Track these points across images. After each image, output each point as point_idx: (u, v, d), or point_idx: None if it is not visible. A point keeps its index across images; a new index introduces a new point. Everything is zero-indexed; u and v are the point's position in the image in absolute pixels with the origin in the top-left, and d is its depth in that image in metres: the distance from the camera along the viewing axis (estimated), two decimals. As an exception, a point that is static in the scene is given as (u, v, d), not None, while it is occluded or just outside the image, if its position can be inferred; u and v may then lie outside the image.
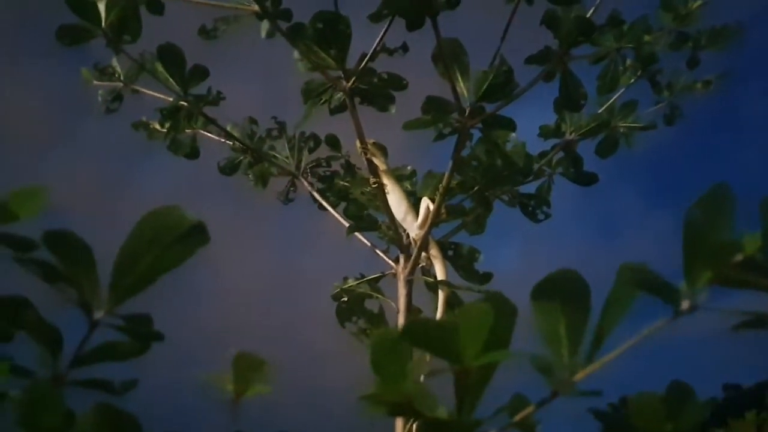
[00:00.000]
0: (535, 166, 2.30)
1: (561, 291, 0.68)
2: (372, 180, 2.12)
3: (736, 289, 0.66)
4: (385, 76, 2.00)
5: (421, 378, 0.70)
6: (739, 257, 0.63)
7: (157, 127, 2.19)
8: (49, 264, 0.64)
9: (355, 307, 2.16)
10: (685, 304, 0.64)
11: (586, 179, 2.31)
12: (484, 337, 0.65)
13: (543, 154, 2.31)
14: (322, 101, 2.04)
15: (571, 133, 2.28)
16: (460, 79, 1.93)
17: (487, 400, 0.70)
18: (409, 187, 2.29)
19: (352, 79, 1.97)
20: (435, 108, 1.93)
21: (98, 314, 0.65)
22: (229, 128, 2.28)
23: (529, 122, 2.32)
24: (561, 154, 2.32)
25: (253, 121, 2.35)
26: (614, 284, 0.67)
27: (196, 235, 0.65)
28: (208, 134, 2.25)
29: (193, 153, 2.24)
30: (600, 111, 2.30)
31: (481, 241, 2.30)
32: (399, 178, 2.24)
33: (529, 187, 2.31)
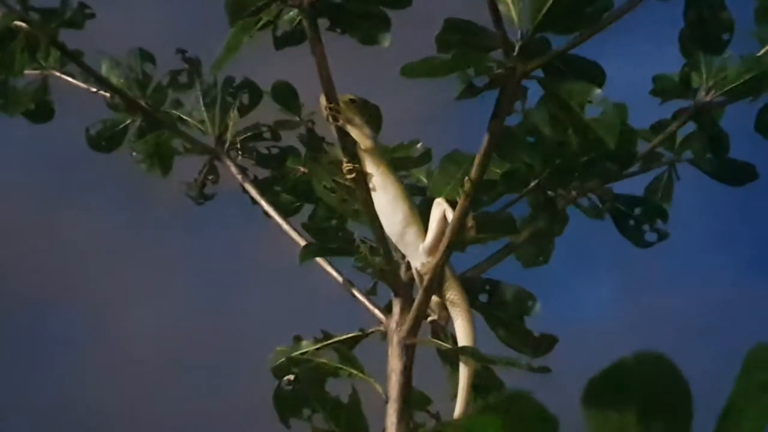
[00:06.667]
0: (644, 148, 1.69)
1: (637, 392, 0.50)
2: (345, 165, 1.47)
3: None
4: (372, -16, 1.48)
5: None
6: None
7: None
8: None
9: (309, 392, 1.50)
10: None
11: (733, 172, 1.69)
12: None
13: (658, 127, 1.69)
14: (259, 24, 1.43)
15: (708, 92, 1.67)
16: (505, -7, 1.38)
17: None
18: (423, 179, 1.72)
19: (316, -13, 1.43)
20: (460, 41, 1.40)
21: None
22: (104, 70, 1.65)
23: (634, 70, 1.90)
24: (690, 126, 1.69)
25: (146, 56, 1.71)
26: (738, 378, 0.50)
27: None
28: (69, 79, 1.64)
29: (42, 112, 1.62)
30: (760, 53, 1.69)
31: (549, 273, 1.76)
32: (399, 164, 1.64)
33: (633, 185, 1.71)
